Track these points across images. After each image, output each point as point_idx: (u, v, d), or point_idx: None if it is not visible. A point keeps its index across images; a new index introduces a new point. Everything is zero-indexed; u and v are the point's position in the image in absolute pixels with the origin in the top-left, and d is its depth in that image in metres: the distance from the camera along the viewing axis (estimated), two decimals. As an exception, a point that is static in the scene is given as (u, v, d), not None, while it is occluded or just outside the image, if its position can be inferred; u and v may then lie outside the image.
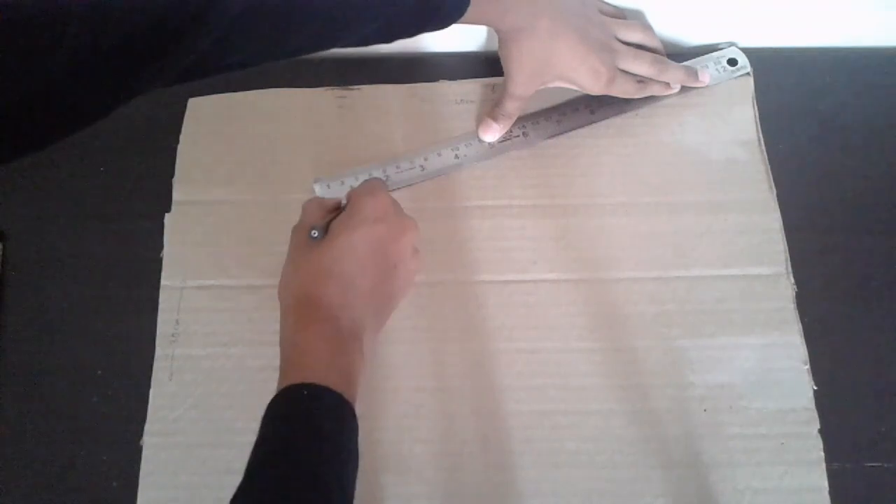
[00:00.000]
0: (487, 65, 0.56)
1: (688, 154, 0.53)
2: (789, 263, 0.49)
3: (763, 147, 0.53)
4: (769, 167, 0.52)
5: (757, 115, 0.54)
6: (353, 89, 0.56)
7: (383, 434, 0.46)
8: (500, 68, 0.52)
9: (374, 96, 0.56)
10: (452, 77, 0.56)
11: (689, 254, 0.50)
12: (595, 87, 0.50)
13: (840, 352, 0.48)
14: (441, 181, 0.53)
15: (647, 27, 0.54)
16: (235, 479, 0.45)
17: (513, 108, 0.52)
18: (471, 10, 0.42)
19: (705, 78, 0.54)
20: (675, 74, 0.53)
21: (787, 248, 0.50)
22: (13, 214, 0.53)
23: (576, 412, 0.46)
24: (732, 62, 0.56)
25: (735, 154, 0.53)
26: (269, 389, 0.47)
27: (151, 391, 0.47)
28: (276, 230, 0.51)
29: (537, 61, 0.48)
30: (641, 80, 0.52)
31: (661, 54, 0.54)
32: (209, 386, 0.47)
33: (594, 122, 0.54)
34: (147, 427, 0.46)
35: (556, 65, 0.49)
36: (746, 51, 0.57)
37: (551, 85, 0.51)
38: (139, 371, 0.48)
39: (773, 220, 0.51)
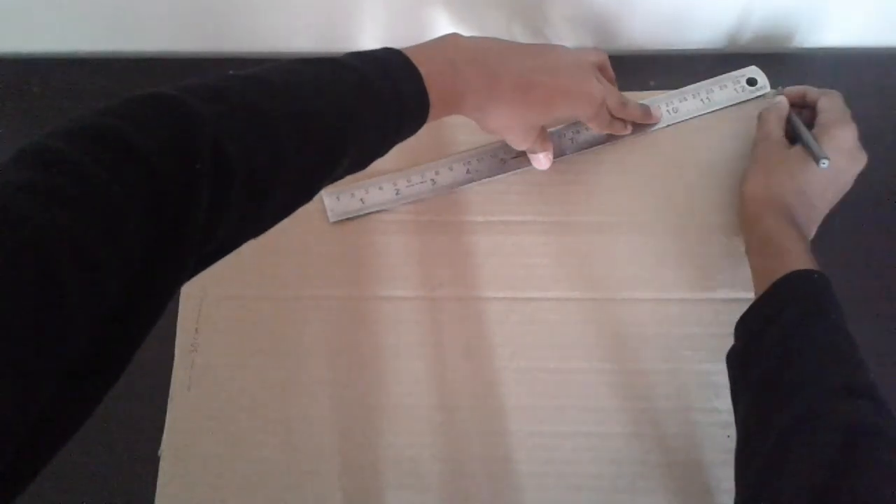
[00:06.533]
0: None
1: (716, 173, 0.52)
2: (816, 287, 0.49)
3: (792, 167, 0.52)
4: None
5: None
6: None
7: (401, 451, 0.46)
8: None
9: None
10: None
11: (716, 276, 0.49)
12: (589, 113, 0.47)
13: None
14: (457, 196, 0.52)
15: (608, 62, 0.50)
16: (252, 492, 0.45)
17: (536, 147, 0.49)
18: (431, 112, 0.40)
19: (658, 114, 0.53)
20: (633, 112, 0.51)
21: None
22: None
23: (597, 434, 0.46)
24: (752, 82, 0.55)
25: (764, 173, 0.52)
26: (288, 403, 0.47)
27: (170, 401, 0.47)
28: (297, 240, 0.51)
29: (520, 118, 0.45)
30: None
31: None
32: (228, 397, 0.47)
33: (610, 140, 0.53)
34: (165, 438, 0.46)
35: (541, 112, 0.45)
36: (749, 51, 0.56)
37: (553, 124, 0.49)
38: (157, 380, 0.47)
39: (801, 243, 0.50)
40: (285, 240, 0.51)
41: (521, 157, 0.52)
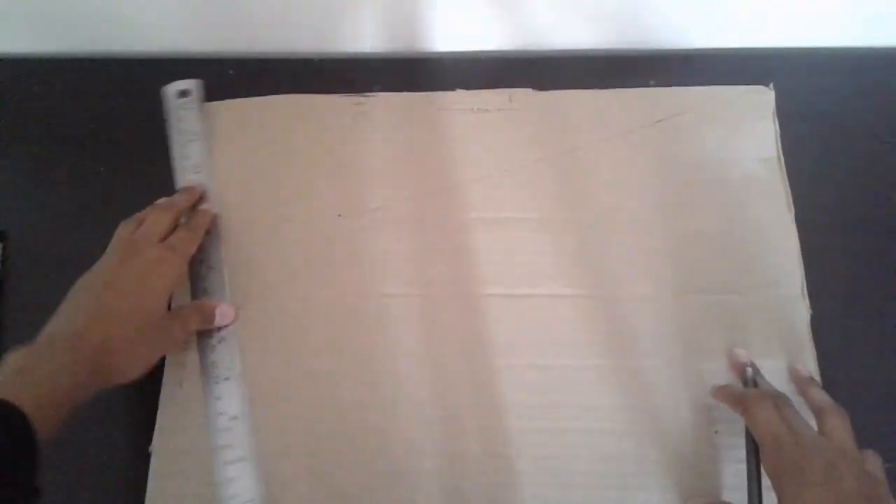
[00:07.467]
0: (506, 66, 0.56)
1: (707, 170, 0.52)
2: (805, 286, 0.49)
3: (783, 164, 0.52)
4: (788, 185, 0.52)
5: (778, 131, 0.53)
6: (369, 96, 0.55)
7: (392, 448, 0.46)
8: (519, 71, 0.51)
9: (390, 104, 0.55)
10: (468, 82, 0.56)
11: (706, 274, 0.49)
12: (192, 325, 0.46)
13: (854, 374, 0.47)
14: (454, 194, 0.52)
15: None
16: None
17: (191, 328, 0.47)
18: (43, 428, 0.35)
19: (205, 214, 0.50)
20: (195, 233, 0.48)
21: (803, 270, 0.49)
22: (13, 214, 0.53)
23: (592, 431, 0.46)
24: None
25: (754, 171, 0.52)
26: (278, 399, 0.47)
27: (161, 398, 0.47)
28: (288, 239, 0.51)
29: (135, 361, 0.42)
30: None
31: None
32: (219, 394, 0.47)
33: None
34: (156, 434, 0.46)
35: (134, 358, 0.42)
36: (755, 50, 0.56)
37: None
38: (157, 380, 0.47)
39: (790, 242, 0.50)
40: (280, 237, 0.51)
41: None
